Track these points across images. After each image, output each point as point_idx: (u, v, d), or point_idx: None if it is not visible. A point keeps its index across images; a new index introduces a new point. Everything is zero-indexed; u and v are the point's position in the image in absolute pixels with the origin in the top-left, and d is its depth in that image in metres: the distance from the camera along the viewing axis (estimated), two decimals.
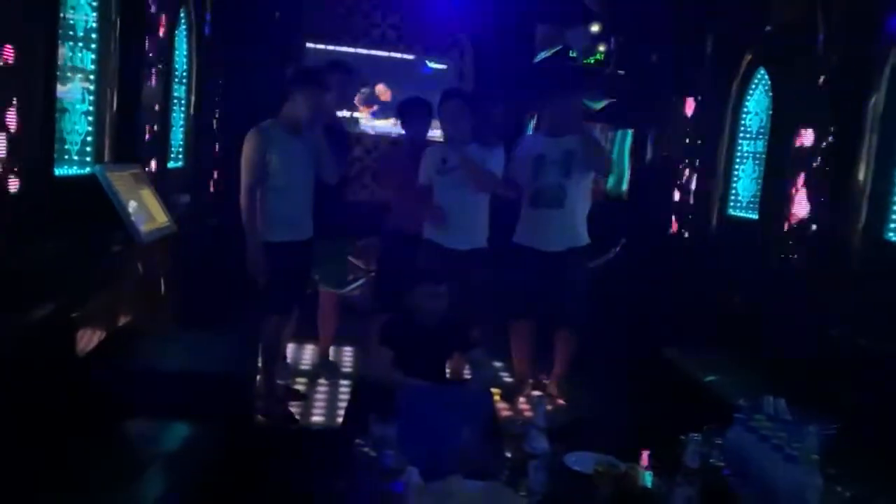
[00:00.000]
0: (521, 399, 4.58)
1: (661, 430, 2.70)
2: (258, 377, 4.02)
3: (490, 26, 7.22)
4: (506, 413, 4.35)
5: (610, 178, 7.41)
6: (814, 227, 4.32)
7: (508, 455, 2.35)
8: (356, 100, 7.18)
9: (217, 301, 4.97)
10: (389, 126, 7.48)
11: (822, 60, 4.37)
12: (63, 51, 3.40)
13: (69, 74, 3.51)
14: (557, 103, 4.38)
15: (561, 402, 4.60)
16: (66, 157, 3.55)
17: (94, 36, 3.72)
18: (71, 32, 3.51)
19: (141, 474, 2.54)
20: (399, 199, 4.45)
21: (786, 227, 4.51)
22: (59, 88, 3.34)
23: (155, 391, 3.19)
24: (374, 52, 7.59)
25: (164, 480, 2.55)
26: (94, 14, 3.71)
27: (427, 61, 7.66)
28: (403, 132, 4.70)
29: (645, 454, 2.50)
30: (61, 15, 3.31)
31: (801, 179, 4.44)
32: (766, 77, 5.15)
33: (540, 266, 4.31)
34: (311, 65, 6.49)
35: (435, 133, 4.95)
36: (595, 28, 6.64)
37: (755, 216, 5.14)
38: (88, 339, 3.29)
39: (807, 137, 4.39)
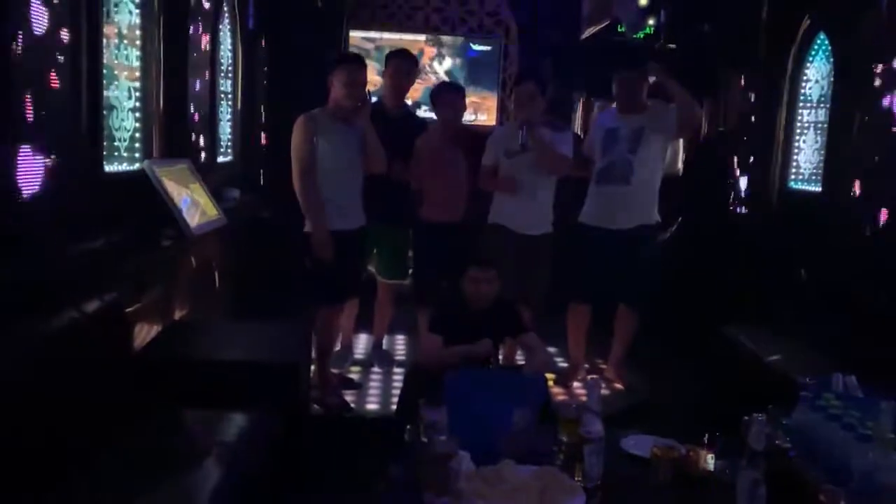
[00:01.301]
0: (577, 384, 4.50)
1: (724, 412, 2.60)
2: (312, 367, 4.03)
3: (535, 4, 7.09)
4: (561, 397, 4.28)
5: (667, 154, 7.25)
6: (880, 198, 4.11)
7: (563, 439, 2.28)
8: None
9: (271, 292, 5.01)
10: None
11: (886, 21, 4.15)
12: (109, 49, 3.42)
13: (115, 72, 3.55)
14: (625, 79, 4.27)
15: (619, 386, 4.51)
16: (116, 153, 3.59)
17: (138, 32, 3.75)
18: (116, 29, 3.54)
19: (200, 463, 2.56)
20: (434, 185, 4.37)
21: (852, 197, 4.31)
22: (106, 86, 3.36)
23: (211, 382, 3.22)
24: (418, 36, 7.53)
25: (222, 469, 2.56)
26: (138, 10, 3.73)
27: (472, 43, 7.58)
28: (435, 117, 4.60)
29: (707, 436, 2.39)
30: (105, 12, 3.33)
31: (866, 147, 4.23)
32: (827, 42, 4.92)
33: (606, 245, 4.22)
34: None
35: (469, 118, 4.86)
36: (643, 1, 6.44)
37: (818, 188, 4.92)
38: (145, 333, 3.34)
39: (870, 106, 4.17)
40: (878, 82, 4.15)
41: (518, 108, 4.23)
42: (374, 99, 4.29)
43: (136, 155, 3.75)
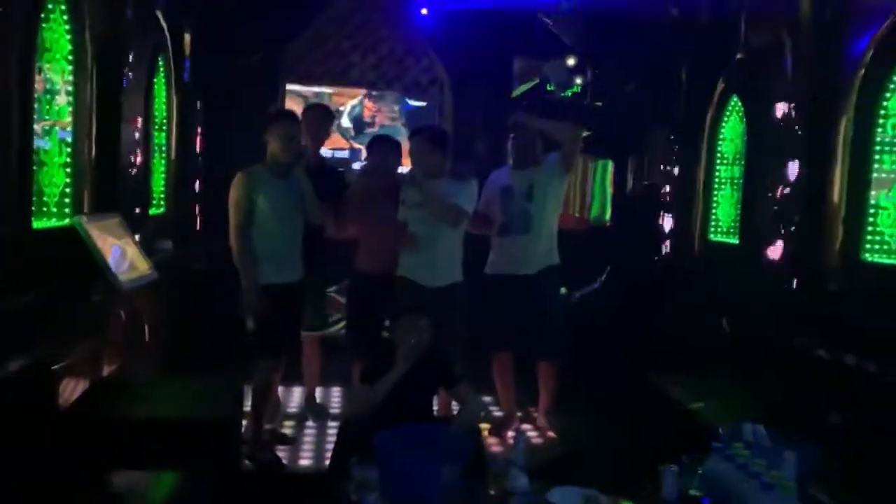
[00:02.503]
0: (511, 433, 4.57)
1: (648, 460, 2.70)
2: (245, 422, 4.00)
3: (469, 63, 7.32)
4: (495, 448, 4.33)
5: (593, 207, 7.50)
6: (791, 249, 4.37)
7: (492, 493, 2.34)
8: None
9: (202, 346, 4.96)
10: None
11: (792, 86, 4.46)
12: (39, 103, 3.42)
13: (46, 126, 3.54)
14: (518, 136, 4.49)
15: (551, 434, 4.60)
16: (45, 209, 3.56)
17: (70, 88, 3.75)
18: (48, 85, 3.54)
19: None
20: (366, 235, 4.43)
21: (765, 250, 4.56)
22: (36, 141, 3.35)
23: (140, 441, 3.17)
24: (354, 90, 7.68)
25: None
26: (70, 67, 3.74)
27: (408, 99, 7.76)
28: (371, 168, 4.65)
29: (629, 487, 2.49)
30: (37, 66, 3.34)
31: (777, 204, 4.50)
32: (740, 104, 5.24)
33: (513, 291, 4.36)
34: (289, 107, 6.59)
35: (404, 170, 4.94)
36: (571, 61, 6.73)
37: (735, 241, 5.18)
38: (71, 390, 3.28)
39: (780, 162, 4.46)
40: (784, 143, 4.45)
41: (411, 161, 4.32)
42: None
43: (67, 210, 3.72)
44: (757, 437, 2.33)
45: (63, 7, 3.65)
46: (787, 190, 4.42)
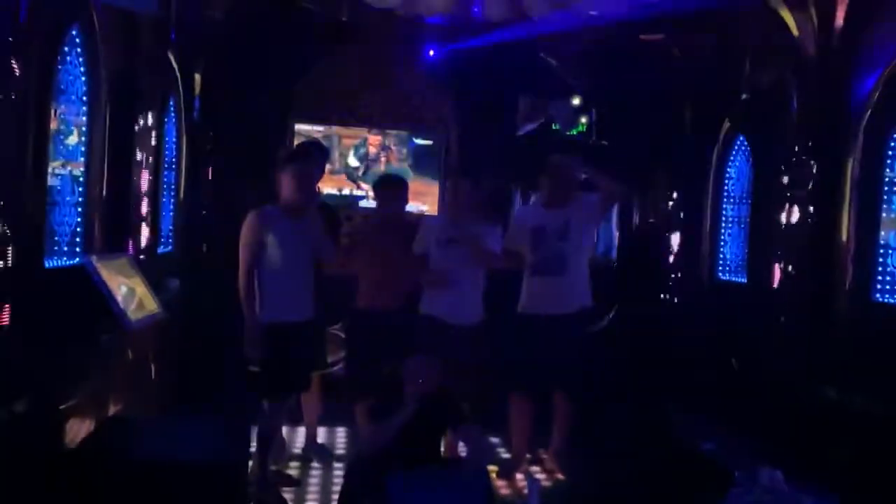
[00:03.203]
0: (519, 475, 4.51)
1: (662, 501, 2.66)
2: (251, 462, 3.95)
3: (474, 102, 7.39)
4: (504, 491, 4.27)
5: (599, 245, 7.50)
6: (800, 289, 4.36)
7: None
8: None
9: (210, 386, 4.93)
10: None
11: (798, 125, 4.48)
12: (53, 143, 3.45)
13: (59, 167, 3.57)
14: (559, 176, 4.49)
15: (560, 476, 4.54)
16: (56, 248, 3.57)
17: (83, 129, 3.79)
18: (63, 126, 3.58)
19: None
20: (370, 273, 4.41)
21: (773, 289, 4.55)
22: (49, 181, 3.38)
23: (147, 480, 3.14)
24: (361, 130, 7.75)
25: None
26: (85, 108, 3.78)
27: (413, 138, 7.82)
28: (377, 207, 4.69)
29: None
30: (52, 108, 3.38)
31: (785, 243, 4.50)
32: (746, 143, 5.27)
33: (545, 332, 4.29)
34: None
35: (411, 208, 4.98)
36: (576, 100, 6.80)
37: (744, 279, 5.17)
38: (77, 430, 3.26)
39: (788, 202, 4.47)
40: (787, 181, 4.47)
41: (450, 203, 4.36)
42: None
43: (77, 249, 3.73)
44: (774, 482, 2.30)
45: (79, 49, 3.71)
46: (795, 230, 4.42)
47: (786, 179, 4.57)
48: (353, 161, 7.84)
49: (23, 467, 2.71)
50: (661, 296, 6.15)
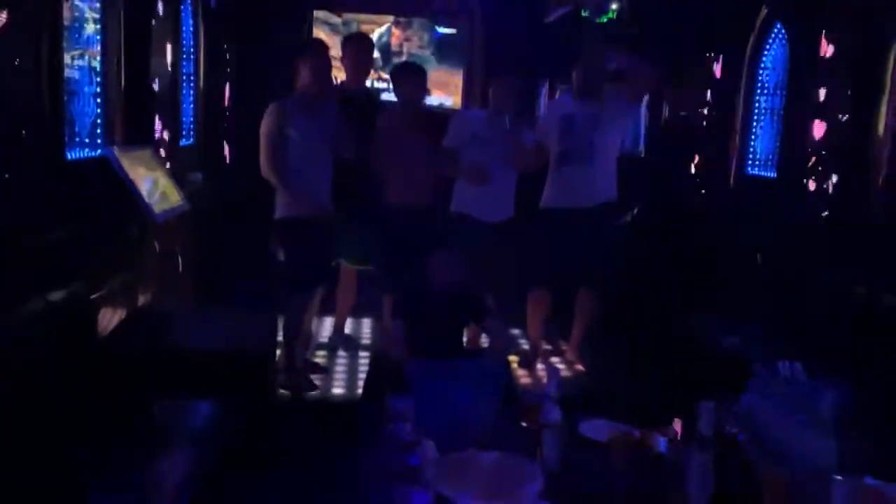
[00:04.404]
0: (539, 365, 4.60)
1: (680, 396, 2.70)
2: (279, 351, 4.06)
3: None
4: (524, 380, 4.37)
5: (628, 138, 7.34)
6: (833, 182, 4.25)
7: (524, 425, 2.36)
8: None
9: (236, 278, 5.01)
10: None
11: (839, 12, 4.26)
12: (68, 33, 3.38)
13: (75, 56, 3.50)
14: (588, 63, 4.37)
15: (580, 367, 4.62)
16: (77, 139, 3.56)
17: (98, 16, 3.70)
18: (77, 13, 3.49)
19: (168, 452, 2.59)
20: (396, 168, 4.36)
21: (804, 184, 4.45)
22: (66, 71, 3.33)
23: (176, 369, 3.23)
24: (382, 17, 7.51)
25: (188, 458, 2.59)
26: None
27: (437, 26, 7.57)
28: (396, 99, 4.59)
29: (661, 421, 2.49)
30: None
31: (819, 135, 4.36)
32: (783, 31, 5.03)
33: (570, 226, 4.28)
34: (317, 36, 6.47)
35: (433, 100, 4.90)
36: None
37: (773, 174, 5.06)
38: (108, 321, 3.34)
39: (824, 92, 4.30)
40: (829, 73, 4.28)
41: (498, 99, 4.30)
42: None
43: (98, 141, 3.72)
44: (794, 374, 2.31)
45: None
46: (831, 121, 4.28)
47: (823, 69, 4.37)
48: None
49: (57, 356, 2.79)
50: (688, 190, 6.05)
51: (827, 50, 4.33)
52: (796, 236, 4.43)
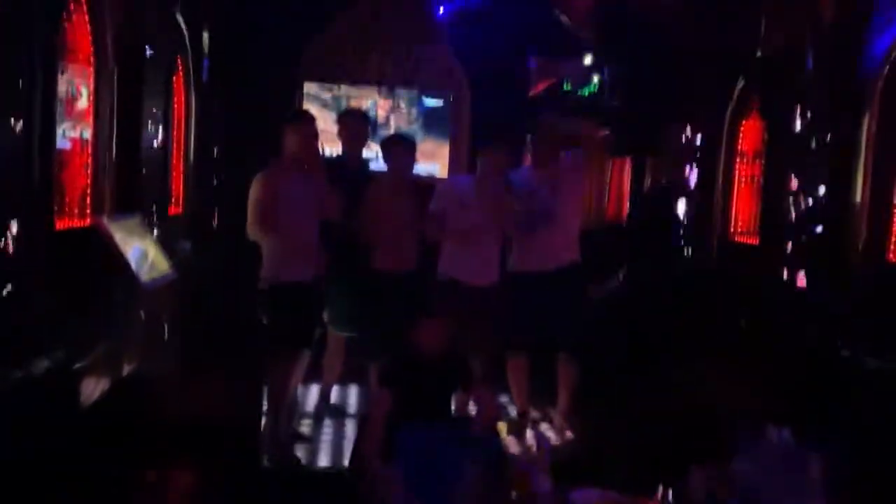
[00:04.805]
0: (528, 432, 4.56)
1: (669, 460, 2.68)
2: (263, 421, 4.01)
3: (485, 62, 7.28)
4: (513, 448, 4.32)
5: (611, 206, 7.46)
6: (814, 249, 4.33)
7: (514, 495, 2.33)
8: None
9: (222, 345, 4.97)
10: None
11: (814, 83, 4.41)
12: (61, 104, 3.44)
13: (67, 126, 3.56)
14: (541, 135, 4.57)
15: (569, 434, 4.58)
16: (66, 209, 3.58)
17: (91, 89, 3.77)
18: (70, 86, 3.56)
19: None
20: (383, 235, 4.40)
21: (786, 250, 4.52)
22: (58, 142, 3.37)
23: (160, 439, 3.19)
24: (370, 91, 7.66)
25: None
26: (92, 67, 3.76)
27: (424, 97, 7.74)
28: (385, 167, 4.68)
29: (652, 486, 2.48)
30: (60, 67, 3.36)
31: (798, 203, 4.45)
32: (760, 102, 5.19)
33: (538, 289, 4.35)
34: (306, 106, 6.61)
35: (421, 169, 5.00)
36: (588, 59, 6.70)
37: (755, 240, 5.14)
38: (92, 390, 3.30)
39: (802, 161, 4.42)
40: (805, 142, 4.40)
41: (485, 167, 4.43)
42: (329, 151, 4.38)
43: (88, 210, 3.74)
44: (782, 440, 2.31)
45: (84, 8, 3.67)
46: (809, 189, 4.38)
47: (799, 138, 4.51)
48: None
49: (39, 427, 2.75)
50: (673, 256, 6.12)
51: (802, 120, 4.47)
52: (779, 303, 4.48)
